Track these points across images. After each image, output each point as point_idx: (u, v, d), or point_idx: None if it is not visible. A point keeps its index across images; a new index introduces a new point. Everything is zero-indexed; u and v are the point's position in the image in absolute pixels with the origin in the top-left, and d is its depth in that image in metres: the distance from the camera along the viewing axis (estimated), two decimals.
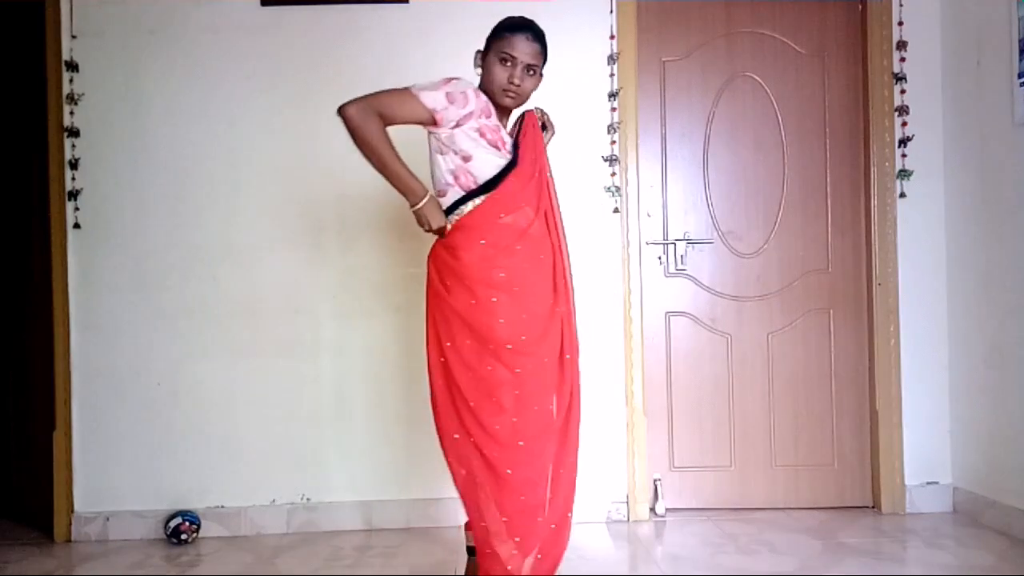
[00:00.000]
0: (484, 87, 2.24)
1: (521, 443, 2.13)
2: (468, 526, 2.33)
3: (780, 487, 3.39)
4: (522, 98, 2.25)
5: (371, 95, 2.13)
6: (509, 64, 2.19)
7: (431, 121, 2.14)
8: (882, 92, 3.32)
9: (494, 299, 2.14)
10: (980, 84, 3.13)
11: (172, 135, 3.24)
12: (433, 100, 2.12)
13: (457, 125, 2.13)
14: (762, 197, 3.42)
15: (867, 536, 3.04)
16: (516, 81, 2.20)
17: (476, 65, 2.26)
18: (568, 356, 2.25)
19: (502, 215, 2.16)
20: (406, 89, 2.14)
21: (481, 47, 2.29)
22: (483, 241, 2.15)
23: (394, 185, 2.18)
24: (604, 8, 3.28)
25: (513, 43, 2.19)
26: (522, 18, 2.25)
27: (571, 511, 2.24)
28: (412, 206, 2.17)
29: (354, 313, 3.26)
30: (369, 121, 2.10)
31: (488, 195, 2.16)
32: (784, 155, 3.41)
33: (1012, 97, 2.94)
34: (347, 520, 3.23)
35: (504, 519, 2.13)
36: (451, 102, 2.12)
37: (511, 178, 2.18)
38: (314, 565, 2.86)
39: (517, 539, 2.11)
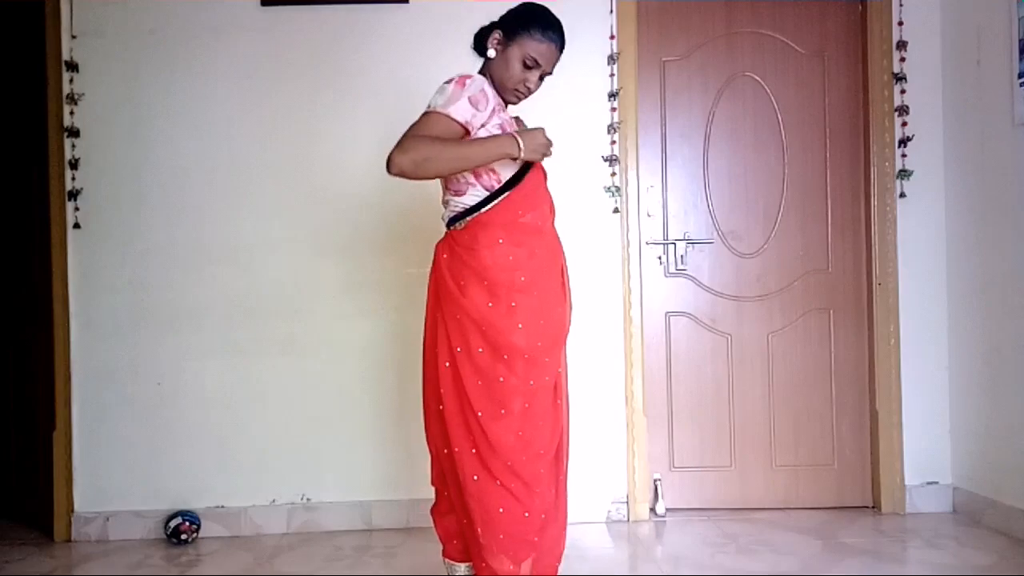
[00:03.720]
0: (493, 73, 2.14)
1: (524, 459, 2.03)
2: (448, 554, 2.28)
3: (780, 487, 3.39)
4: (523, 100, 2.18)
5: (406, 138, 1.95)
6: (531, 68, 2.10)
7: (464, 134, 2.01)
8: (882, 92, 3.32)
9: (513, 303, 2.03)
10: (980, 84, 3.13)
11: (172, 135, 3.24)
12: (462, 112, 1.99)
13: (482, 126, 2.04)
14: (762, 197, 3.42)
15: (867, 536, 3.04)
16: (531, 86, 2.13)
17: (491, 47, 2.12)
18: (560, 369, 2.16)
19: (520, 212, 2.07)
20: (431, 113, 1.99)
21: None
22: (501, 240, 2.04)
23: (490, 161, 2.02)
24: (604, 8, 3.28)
25: (545, 51, 2.09)
26: (558, 24, 2.13)
27: (565, 527, 2.17)
28: (520, 159, 2.03)
29: (354, 313, 3.26)
30: (420, 160, 1.93)
31: (509, 192, 2.06)
32: (784, 155, 3.41)
33: (1012, 97, 2.94)
34: (347, 520, 3.23)
35: (501, 536, 2.02)
36: (475, 106, 2.01)
37: (530, 175, 2.10)
38: (314, 565, 2.86)
39: (514, 557, 2.03)
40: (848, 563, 2.75)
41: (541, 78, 2.15)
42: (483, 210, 2.06)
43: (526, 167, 2.09)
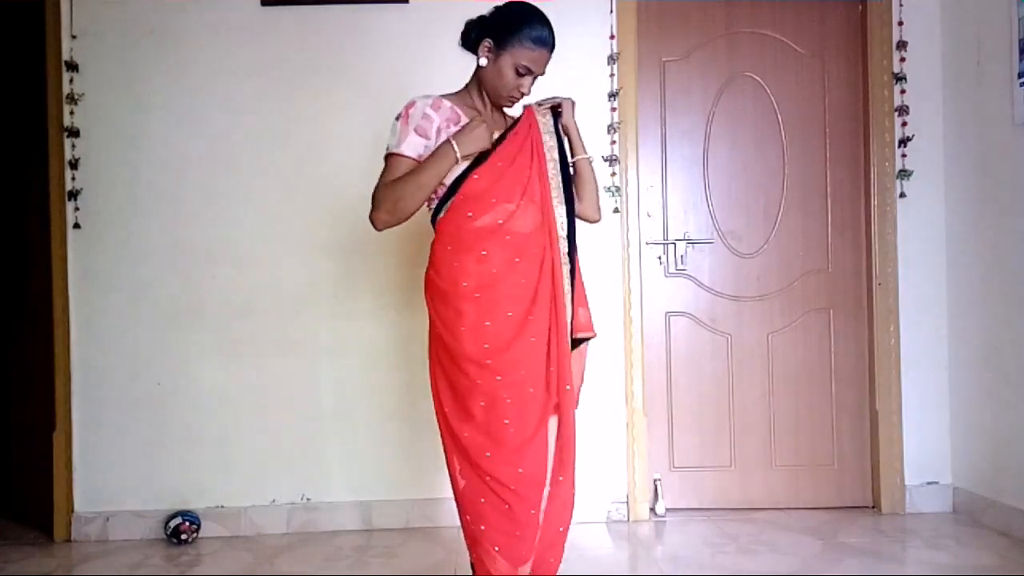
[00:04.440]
0: (485, 80, 2.14)
1: (493, 456, 2.05)
2: None
3: (780, 487, 3.39)
4: (517, 103, 2.18)
5: (374, 193, 2.12)
6: (524, 75, 2.09)
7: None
8: (882, 92, 3.32)
9: (459, 308, 2.08)
10: (980, 84, 3.13)
11: (172, 135, 3.24)
12: (414, 147, 2.08)
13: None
14: (762, 197, 3.42)
15: (867, 536, 3.04)
16: (525, 91, 2.12)
17: (482, 55, 2.11)
18: (552, 367, 2.10)
19: (471, 215, 2.07)
20: (388, 156, 2.11)
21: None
22: (449, 247, 2.10)
23: (443, 173, 2.08)
24: (604, 8, 3.28)
25: (537, 58, 2.08)
26: (547, 25, 2.09)
27: (565, 529, 2.14)
28: (459, 159, 2.06)
29: (354, 313, 3.26)
30: (391, 206, 2.09)
31: (453, 198, 2.09)
32: (784, 155, 3.41)
33: (1012, 97, 2.94)
34: (347, 520, 3.24)
35: (482, 527, 2.07)
36: (424, 136, 2.08)
37: (473, 177, 2.08)
38: (314, 565, 2.86)
39: (496, 548, 2.06)
40: (848, 563, 2.75)
41: (536, 78, 2.15)
42: (437, 219, 2.14)
43: (469, 169, 2.07)
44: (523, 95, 2.15)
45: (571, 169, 2.23)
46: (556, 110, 2.22)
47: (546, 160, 2.16)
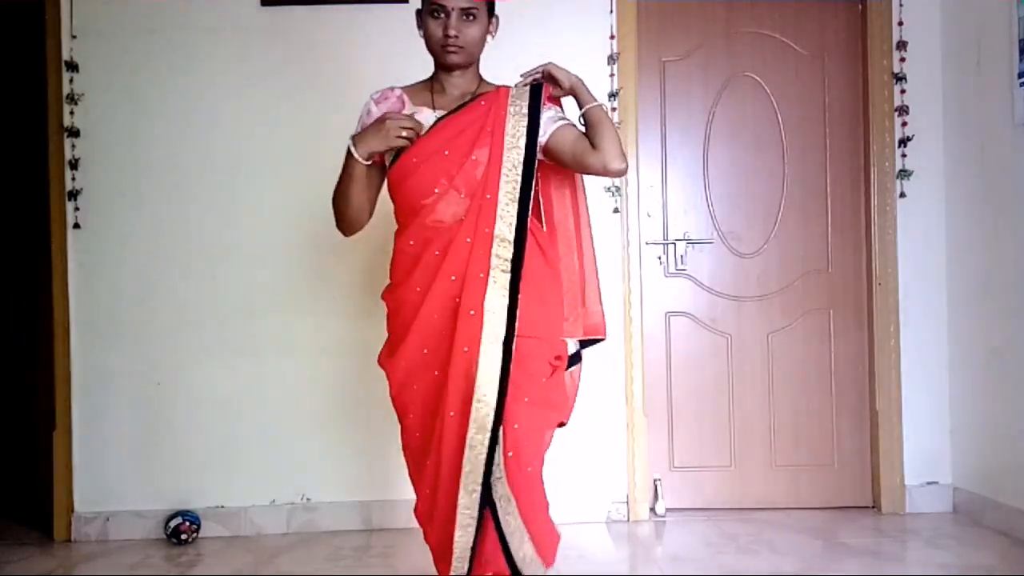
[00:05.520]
0: (429, 50, 2.08)
1: (409, 466, 2.17)
2: None
3: (780, 487, 3.39)
4: (469, 51, 2.00)
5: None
6: (442, 15, 1.97)
7: (380, 163, 2.04)
8: (882, 92, 3.32)
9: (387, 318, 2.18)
10: (980, 84, 3.13)
11: (172, 135, 3.24)
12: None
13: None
14: (762, 197, 3.42)
15: (867, 536, 3.04)
16: (452, 32, 1.95)
17: (418, 27, 2.10)
18: (452, 413, 1.92)
19: (401, 217, 2.08)
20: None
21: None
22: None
23: (357, 177, 2.05)
24: (604, 8, 3.28)
25: None
26: None
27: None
28: (364, 159, 2.00)
29: (354, 313, 3.25)
30: (338, 212, 2.17)
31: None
32: (784, 155, 3.41)
33: (1012, 97, 2.94)
34: (347, 520, 3.23)
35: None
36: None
37: (395, 169, 2.00)
38: (314, 565, 2.86)
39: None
40: (848, 563, 2.75)
41: (470, 19, 1.98)
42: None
43: (395, 162, 2.01)
44: (453, 37, 1.98)
45: (536, 163, 1.96)
46: (537, 87, 2.02)
47: (504, 149, 1.93)
